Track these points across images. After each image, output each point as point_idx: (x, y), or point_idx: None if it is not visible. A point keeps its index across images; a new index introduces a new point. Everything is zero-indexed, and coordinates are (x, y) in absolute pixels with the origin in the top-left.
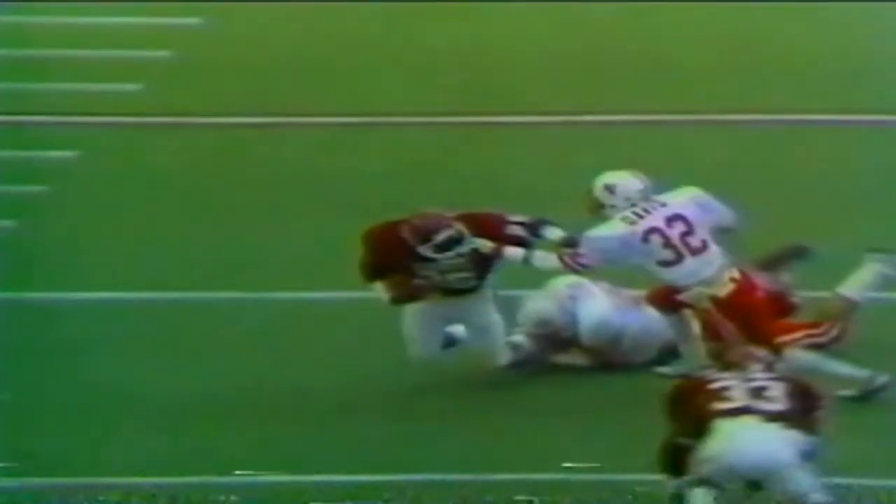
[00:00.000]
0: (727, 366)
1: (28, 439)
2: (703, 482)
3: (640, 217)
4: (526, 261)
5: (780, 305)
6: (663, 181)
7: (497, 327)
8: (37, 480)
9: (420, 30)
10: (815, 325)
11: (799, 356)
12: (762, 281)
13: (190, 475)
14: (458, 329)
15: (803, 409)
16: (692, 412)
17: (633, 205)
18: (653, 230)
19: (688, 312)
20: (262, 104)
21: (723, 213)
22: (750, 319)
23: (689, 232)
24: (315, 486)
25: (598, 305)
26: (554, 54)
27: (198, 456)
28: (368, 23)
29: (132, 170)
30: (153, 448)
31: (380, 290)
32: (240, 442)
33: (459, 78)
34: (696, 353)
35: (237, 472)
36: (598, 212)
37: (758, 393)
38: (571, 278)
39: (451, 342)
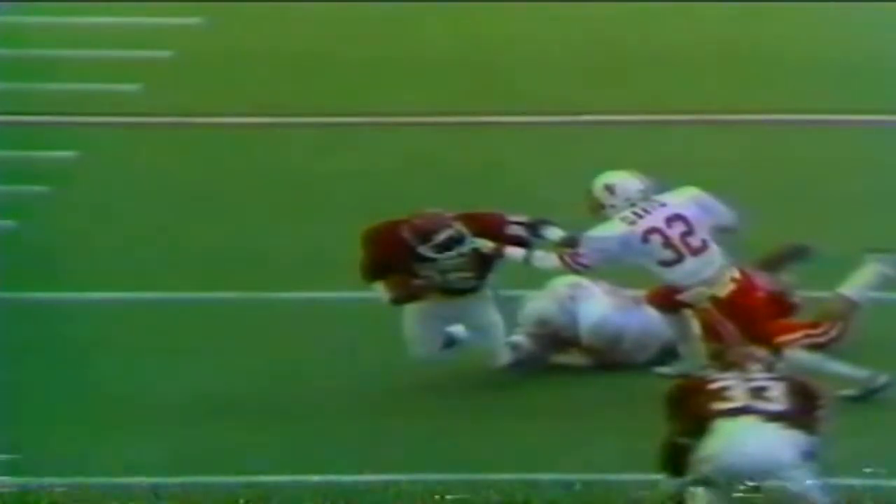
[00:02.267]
0: (727, 366)
1: (28, 439)
2: (703, 482)
3: (640, 217)
4: (526, 261)
5: (780, 305)
6: (663, 181)
7: (497, 327)
8: (37, 480)
9: (420, 30)
10: (815, 325)
11: (799, 356)
12: (762, 281)
13: (190, 475)
14: (458, 329)
15: (803, 409)
16: (692, 412)
17: (633, 205)
18: (653, 230)
19: (688, 312)
20: (262, 104)
21: (723, 213)
22: (750, 319)
23: (689, 232)
24: (315, 486)
25: (598, 305)
26: (554, 54)
27: (198, 456)
28: (368, 23)
29: (132, 170)
30: (153, 448)
31: (380, 290)
32: (239, 442)
33: (459, 77)
34: (696, 353)
35: (237, 472)
36: (598, 212)
37: (758, 393)
38: (571, 278)
39: (451, 342)
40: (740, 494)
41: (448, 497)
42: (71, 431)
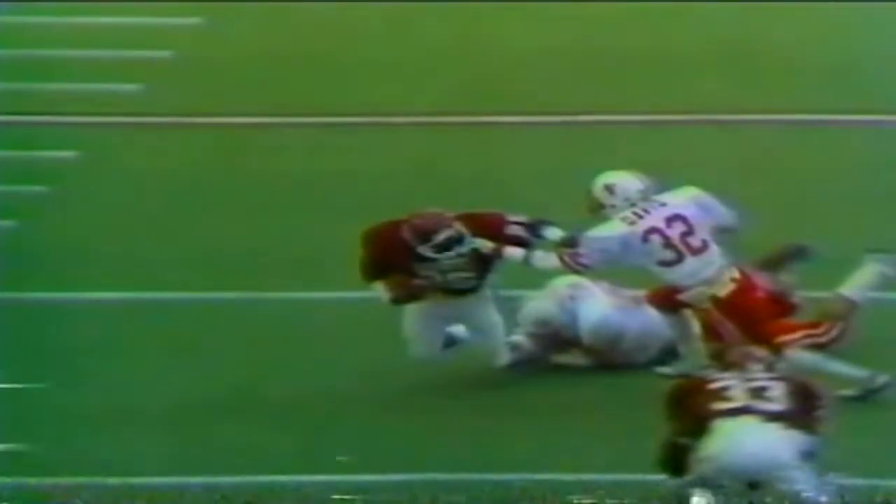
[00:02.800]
0: (727, 366)
1: (28, 439)
2: (703, 482)
3: (640, 217)
4: (526, 261)
5: (780, 305)
6: (663, 181)
7: (497, 327)
8: (37, 480)
9: (420, 30)
10: (815, 325)
11: (799, 356)
12: (762, 281)
13: (190, 475)
14: (459, 329)
15: (803, 408)
16: (692, 412)
17: (633, 205)
18: (652, 230)
19: (688, 312)
20: (262, 104)
21: (723, 213)
22: (750, 319)
23: (689, 232)
24: (315, 486)
25: (598, 305)
26: (553, 53)
27: (198, 456)
28: (368, 23)
29: (132, 170)
30: (153, 448)
31: (380, 290)
32: (239, 442)
33: (459, 78)
34: (696, 353)
35: (237, 472)
36: (598, 212)
37: (758, 393)
38: (571, 278)
39: (451, 342)
40: (740, 494)
41: (448, 497)
42: (70, 431)
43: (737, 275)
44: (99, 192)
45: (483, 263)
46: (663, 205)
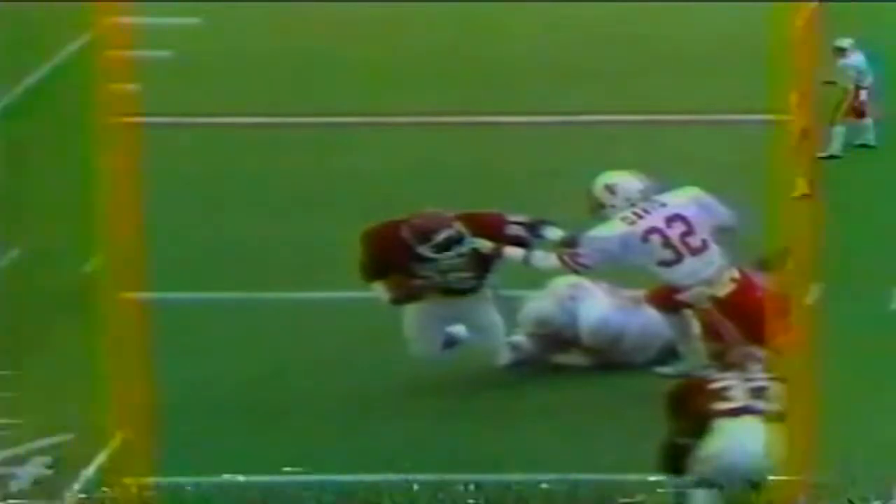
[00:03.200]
0: (727, 366)
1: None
2: (703, 482)
3: (640, 217)
4: (526, 261)
5: (780, 305)
6: (663, 181)
7: (497, 327)
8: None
9: (421, 30)
10: None
11: None
12: (762, 281)
13: (188, 475)
14: (459, 329)
15: None
16: (692, 412)
17: (633, 205)
18: (652, 230)
19: (688, 312)
20: (262, 104)
21: (723, 214)
22: (750, 319)
23: (688, 232)
24: (315, 486)
25: (598, 305)
26: (552, 54)
27: (197, 456)
28: (369, 23)
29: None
30: (152, 448)
31: (380, 290)
32: (239, 442)
33: (459, 78)
34: (696, 353)
35: (236, 471)
36: (598, 212)
37: (758, 393)
38: (571, 278)
39: (451, 342)
40: (740, 494)
41: (448, 497)
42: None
43: (737, 275)
44: None
45: (483, 263)
46: (663, 205)
